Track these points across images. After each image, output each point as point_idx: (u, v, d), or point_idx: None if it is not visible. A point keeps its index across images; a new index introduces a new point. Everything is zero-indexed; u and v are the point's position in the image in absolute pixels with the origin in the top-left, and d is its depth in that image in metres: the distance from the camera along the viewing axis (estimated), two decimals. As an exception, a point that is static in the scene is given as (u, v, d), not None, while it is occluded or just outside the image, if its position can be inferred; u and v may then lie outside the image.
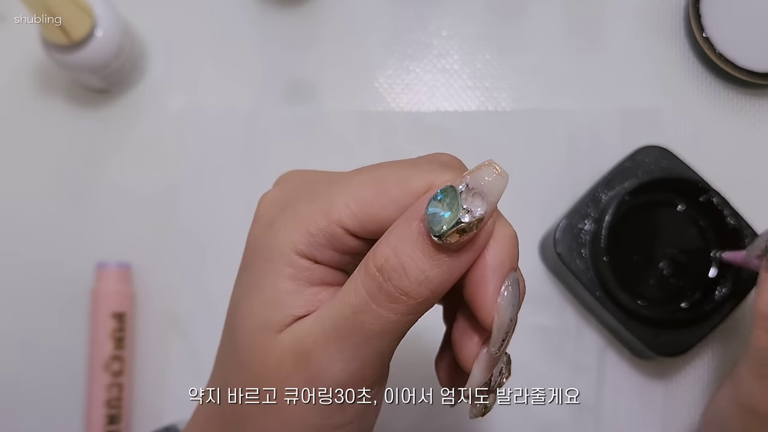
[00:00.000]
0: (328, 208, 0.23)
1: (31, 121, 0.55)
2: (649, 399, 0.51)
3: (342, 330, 0.23)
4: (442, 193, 0.22)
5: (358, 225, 0.23)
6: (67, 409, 0.51)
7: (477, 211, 0.22)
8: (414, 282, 0.22)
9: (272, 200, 0.26)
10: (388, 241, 0.23)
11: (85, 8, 0.48)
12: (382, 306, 0.23)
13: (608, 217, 0.47)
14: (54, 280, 0.53)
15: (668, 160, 0.50)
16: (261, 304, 0.24)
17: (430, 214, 0.22)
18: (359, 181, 0.24)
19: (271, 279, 0.24)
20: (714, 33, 0.52)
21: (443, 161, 0.25)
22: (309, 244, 0.24)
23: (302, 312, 0.24)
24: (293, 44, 0.56)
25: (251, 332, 0.24)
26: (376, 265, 0.22)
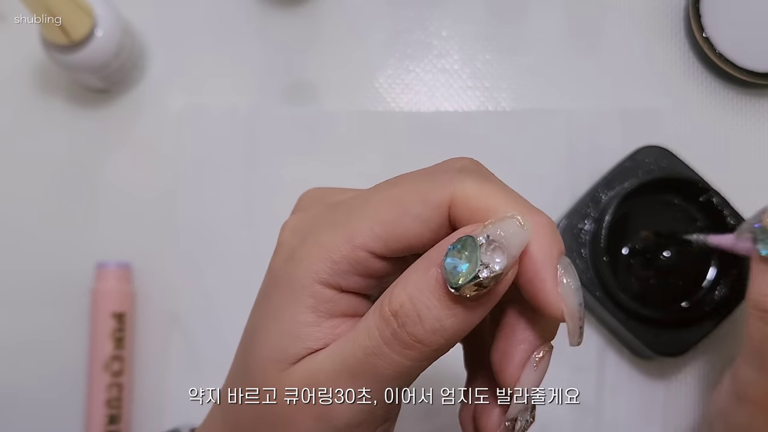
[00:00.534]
0: (351, 234, 0.23)
1: (31, 121, 0.55)
2: (649, 399, 0.51)
3: (354, 370, 0.23)
4: (460, 243, 0.22)
5: (384, 246, 0.23)
6: (67, 409, 0.51)
7: (495, 266, 0.21)
8: (429, 330, 0.22)
9: (293, 229, 0.25)
10: (404, 286, 0.22)
11: (85, 8, 0.48)
12: (396, 351, 0.22)
13: (608, 217, 0.47)
14: (54, 280, 0.53)
15: (668, 160, 0.50)
16: (278, 333, 0.24)
17: (449, 264, 0.22)
18: (379, 202, 0.23)
19: (291, 309, 0.24)
20: (714, 33, 0.52)
21: (460, 167, 0.24)
22: (333, 272, 0.23)
23: (320, 345, 0.24)
24: (293, 44, 0.56)
25: (265, 361, 0.24)
26: (391, 309, 0.22)
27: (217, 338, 0.52)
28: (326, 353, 0.23)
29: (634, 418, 0.51)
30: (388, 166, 0.54)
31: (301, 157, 0.54)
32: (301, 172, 0.54)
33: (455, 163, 0.25)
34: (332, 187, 0.29)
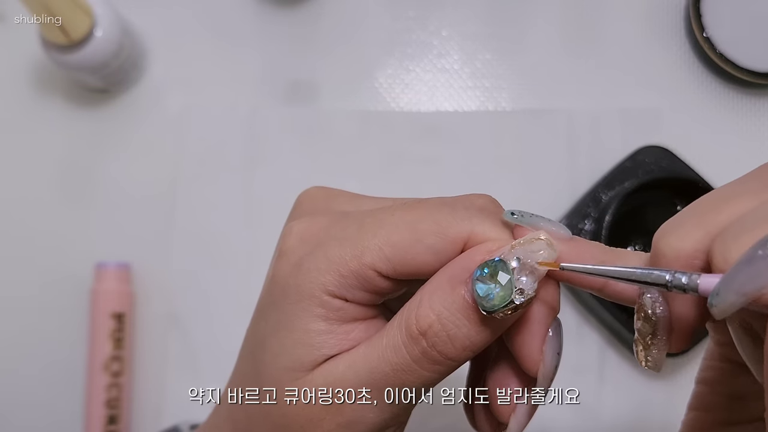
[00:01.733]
0: (360, 252, 0.23)
1: (31, 121, 0.55)
2: (649, 399, 0.51)
3: (380, 384, 0.23)
4: (492, 267, 0.22)
5: (391, 269, 0.23)
6: (66, 410, 0.51)
7: (529, 291, 0.22)
8: (459, 348, 0.23)
9: (300, 237, 0.25)
10: (431, 305, 0.23)
11: (84, 8, 0.48)
12: (425, 368, 0.23)
13: (608, 217, 0.47)
14: (54, 280, 0.53)
15: (668, 160, 0.50)
16: (292, 343, 0.24)
17: (482, 290, 0.22)
18: (393, 224, 0.23)
19: (302, 319, 0.24)
20: (714, 33, 0.52)
21: (481, 206, 0.24)
22: (340, 285, 0.24)
23: (335, 351, 0.24)
24: (293, 44, 0.56)
25: (281, 371, 0.24)
26: (419, 329, 0.23)
27: (216, 338, 0.52)
28: (347, 363, 0.24)
29: (634, 418, 0.51)
30: (388, 166, 0.54)
31: (300, 157, 0.54)
32: (300, 171, 0.54)
33: (476, 200, 0.25)
34: (334, 189, 0.28)
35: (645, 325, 0.22)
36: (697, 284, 0.19)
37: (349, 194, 0.28)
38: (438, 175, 0.54)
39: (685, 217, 0.21)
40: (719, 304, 0.18)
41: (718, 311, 0.19)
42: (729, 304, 0.18)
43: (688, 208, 0.21)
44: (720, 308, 0.18)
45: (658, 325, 0.22)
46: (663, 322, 0.22)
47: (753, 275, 0.17)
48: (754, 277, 0.17)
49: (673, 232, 0.21)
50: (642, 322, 0.22)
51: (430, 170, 0.54)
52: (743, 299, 0.18)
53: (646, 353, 0.23)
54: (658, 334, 0.22)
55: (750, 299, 0.18)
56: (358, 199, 0.27)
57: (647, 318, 0.22)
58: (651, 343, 0.22)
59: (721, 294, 0.18)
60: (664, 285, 0.20)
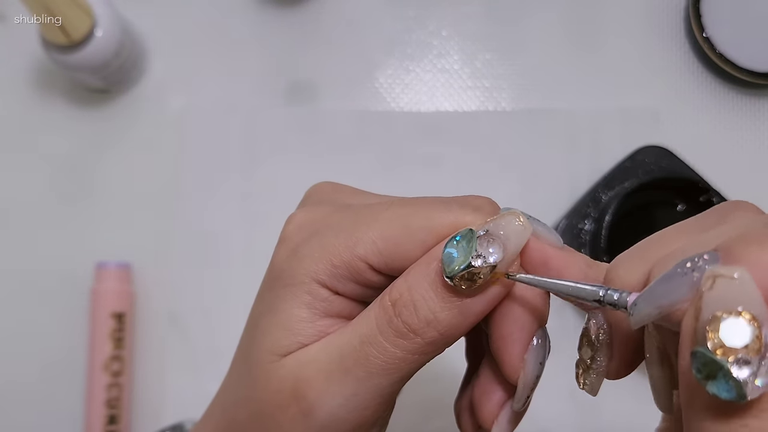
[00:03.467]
0: (353, 243, 0.23)
1: (31, 122, 0.55)
2: (649, 399, 0.51)
3: (347, 360, 0.23)
4: (460, 235, 0.22)
5: (383, 262, 0.24)
6: (66, 409, 0.51)
7: (490, 258, 0.22)
8: (422, 320, 0.22)
9: (300, 225, 0.26)
10: (406, 277, 0.23)
11: (84, 8, 0.48)
12: (389, 340, 0.23)
13: (608, 217, 0.47)
14: (54, 280, 0.53)
15: (668, 160, 0.50)
16: (274, 325, 0.24)
17: (446, 254, 0.22)
18: (387, 218, 0.24)
19: (287, 303, 0.24)
20: (714, 33, 0.52)
21: (476, 205, 0.24)
22: (331, 275, 0.24)
23: (310, 341, 0.24)
24: (293, 44, 0.56)
25: (261, 351, 0.24)
26: (390, 298, 0.23)
27: (216, 338, 0.52)
28: (322, 344, 0.24)
29: (634, 418, 0.51)
30: (388, 166, 0.54)
31: (300, 157, 0.54)
32: (300, 171, 0.54)
33: (473, 200, 0.25)
34: (344, 185, 0.29)
35: (586, 350, 0.23)
36: (626, 301, 0.20)
37: (355, 189, 0.28)
38: (438, 175, 0.54)
39: (634, 252, 0.22)
40: (636, 314, 0.19)
41: (633, 321, 0.19)
42: (644, 315, 0.19)
43: (638, 244, 0.22)
44: (635, 318, 0.19)
45: (599, 350, 0.23)
46: (604, 349, 0.23)
47: (668, 290, 0.18)
48: (668, 292, 0.18)
49: (621, 265, 0.22)
50: (585, 346, 0.23)
51: (430, 170, 0.54)
52: (656, 312, 0.19)
53: (584, 377, 0.23)
54: (598, 360, 0.23)
55: (663, 313, 0.18)
56: (362, 194, 0.28)
57: (590, 343, 0.23)
58: (590, 367, 0.23)
59: (639, 305, 0.19)
60: (597, 300, 0.21)
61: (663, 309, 0.18)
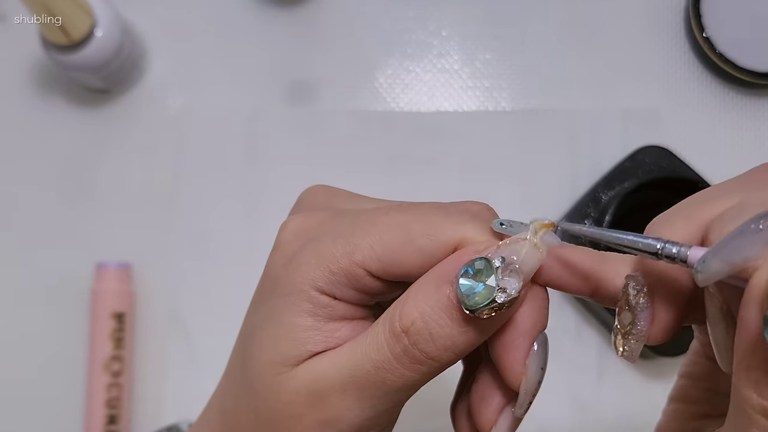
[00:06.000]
0: (351, 249, 0.23)
1: (31, 121, 0.55)
2: (649, 399, 0.51)
3: (362, 382, 0.23)
4: (476, 266, 0.22)
5: (381, 268, 0.23)
6: (67, 409, 0.51)
7: (512, 290, 0.22)
8: (441, 348, 0.22)
9: (295, 231, 0.25)
10: (415, 303, 0.22)
11: (84, 8, 0.48)
12: (405, 366, 0.23)
13: (608, 217, 0.47)
14: (54, 280, 0.53)
15: (668, 160, 0.50)
16: (277, 337, 0.24)
17: (465, 287, 0.22)
18: (386, 224, 0.23)
19: (289, 314, 0.24)
20: (714, 33, 0.52)
21: (475, 212, 0.24)
22: (329, 282, 0.23)
23: (320, 348, 0.24)
24: (293, 44, 0.56)
25: (266, 364, 0.24)
26: (402, 326, 0.22)
27: (217, 338, 0.51)
28: (331, 361, 0.23)
29: (634, 418, 0.51)
30: (388, 166, 0.54)
31: (300, 157, 0.54)
32: (300, 171, 0.54)
33: (471, 206, 0.25)
34: (337, 188, 0.28)
35: (626, 314, 0.22)
36: (686, 255, 0.19)
37: (351, 193, 0.28)
38: (438, 175, 0.54)
39: (675, 212, 0.21)
40: (704, 271, 0.18)
41: (702, 278, 0.19)
42: (714, 272, 0.18)
43: (678, 204, 0.22)
44: (705, 275, 0.18)
45: (639, 315, 0.22)
46: (644, 313, 0.22)
47: (741, 246, 0.18)
48: (742, 247, 0.17)
49: (664, 224, 0.21)
50: (624, 311, 0.22)
51: (430, 170, 0.54)
52: (728, 268, 0.18)
53: (623, 342, 0.23)
54: (638, 324, 0.22)
55: (735, 270, 0.18)
56: (358, 199, 0.27)
57: (629, 307, 0.22)
58: (630, 332, 0.22)
59: (707, 261, 0.18)
60: (654, 253, 0.20)
61: (735, 266, 0.18)
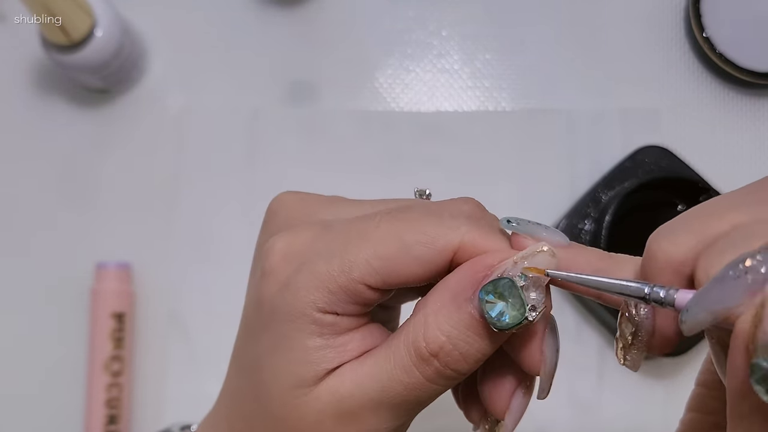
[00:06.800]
0: (348, 267, 0.23)
1: (31, 121, 0.55)
2: (649, 399, 0.51)
3: (395, 400, 0.24)
4: (500, 288, 0.22)
5: (380, 281, 0.23)
6: (67, 409, 0.51)
7: (539, 305, 0.22)
8: (472, 362, 0.23)
9: (284, 255, 0.25)
10: (438, 326, 0.23)
11: (84, 8, 0.48)
12: (440, 384, 0.23)
13: (608, 217, 0.47)
14: (54, 280, 0.53)
15: (668, 160, 0.50)
16: (289, 362, 0.24)
17: (494, 312, 0.22)
18: (380, 237, 0.23)
19: (298, 338, 0.24)
20: (714, 33, 0.52)
21: (468, 213, 0.24)
22: (330, 301, 0.24)
23: (335, 364, 0.24)
24: (293, 44, 0.56)
25: (284, 389, 0.24)
26: (430, 351, 0.23)
27: (216, 338, 0.51)
28: (354, 383, 0.24)
29: (634, 418, 0.51)
30: (388, 166, 0.54)
31: (300, 157, 0.54)
32: (300, 171, 0.54)
33: (462, 206, 0.25)
34: (307, 195, 0.28)
35: (627, 325, 0.22)
36: (674, 299, 0.19)
37: (324, 199, 0.27)
38: (438, 175, 0.54)
39: (680, 223, 0.21)
40: (688, 321, 0.18)
41: (686, 328, 0.19)
42: (697, 322, 0.18)
43: (684, 214, 0.22)
44: (689, 325, 0.19)
45: (641, 326, 0.22)
46: (645, 324, 0.22)
47: (722, 295, 0.17)
48: (723, 296, 0.17)
49: (667, 237, 0.21)
50: (625, 321, 0.22)
51: (430, 170, 0.54)
52: (711, 318, 0.18)
53: (625, 352, 0.23)
54: (639, 335, 0.22)
55: (718, 319, 0.18)
56: (334, 205, 0.27)
57: (630, 318, 0.22)
58: (631, 343, 0.22)
59: (691, 311, 0.18)
60: (642, 298, 0.20)
61: (718, 314, 0.18)
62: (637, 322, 0.22)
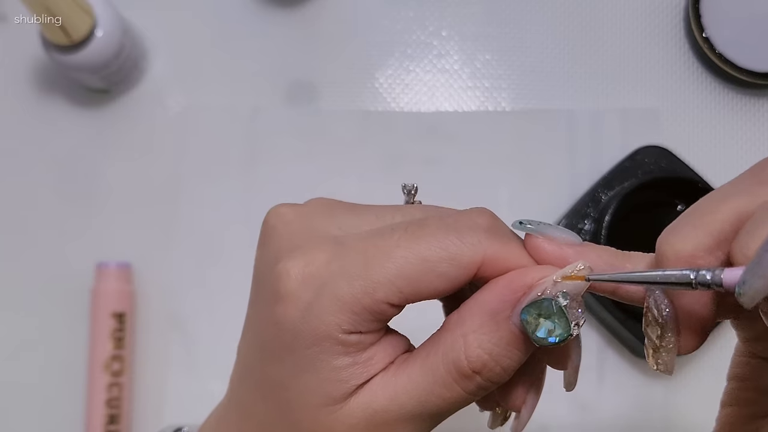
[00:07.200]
0: (372, 288, 0.24)
1: (32, 121, 0.55)
2: (649, 399, 0.51)
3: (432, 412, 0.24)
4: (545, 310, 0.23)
5: (403, 299, 0.24)
6: (67, 409, 0.51)
7: (581, 320, 0.23)
8: (510, 373, 0.24)
9: (302, 279, 0.24)
10: (480, 344, 0.24)
11: (85, 8, 0.48)
12: (478, 395, 0.24)
13: (608, 217, 0.47)
14: (54, 279, 0.53)
15: (668, 160, 0.50)
16: (319, 382, 0.24)
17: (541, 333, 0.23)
18: (402, 256, 0.24)
19: (324, 360, 0.24)
20: (714, 33, 0.52)
21: (486, 226, 0.25)
22: (354, 322, 0.24)
23: (363, 379, 0.24)
24: (293, 44, 0.56)
25: (314, 408, 0.25)
26: (473, 369, 0.24)
27: (217, 338, 0.52)
28: (387, 397, 0.24)
29: (634, 418, 0.51)
30: (388, 166, 0.54)
31: (300, 157, 0.54)
32: (300, 171, 0.54)
33: (478, 218, 0.25)
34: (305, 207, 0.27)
35: (653, 328, 0.23)
36: (720, 279, 0.20)
37: (324, 210, 0.27)
38: (438, 175, 0.54)
39: (683, 220, 0.22)
40: (747, 292, 0.19)
41: (747, 299, 0.19)
42: (756, 290, 0.18)
43: (685, 212, 0.22)
44: (748, 296, 0.19)
45: (666, 326, 0.22)
46: (670, 323, 0.22)
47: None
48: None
49: (674, 234, 0.22)
50: (650, 325, 0.23)
51: (430, 170, 0.54)
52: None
53: (656, 356, 0.23)
54: (666, 336, 0.23)
55: None
56: (336, 217, 0.27)
57: (654, 320, 0.23)
58: (660, 345, 0.23)
59: (747, 282, 0.19)
60: (689, 284, 0.20)
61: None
62: (661, 323, 0.22)
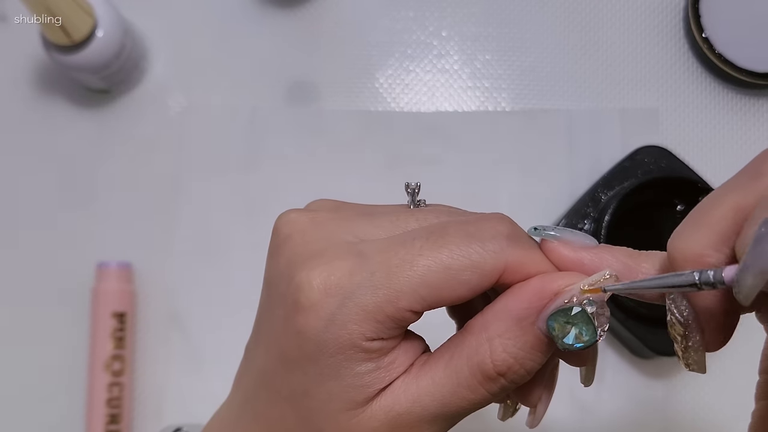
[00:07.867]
0: (395, 297, 0.24)
1: (32, 121, 0.55)
2: (649, 399, 0.51)
3: (455, 412, 0.25)
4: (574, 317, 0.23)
5: (426, 306, 0.24)
6: (68, 409, 0.51)
7: (606, 323, 0.23)
8: (532, 373, 0.25)
9: (324, 290, 0.25)
10: (505, 348, 0.24)
11: (85, 8, 0.48)
12: (501, 395, 0.25)
13: (608, 217, 0.47)
14: (54, 279, 0.53)
15: (668, 160, 0.50)
16: (343, 388, 0.25)
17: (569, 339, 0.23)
18: (425, 265, 0.24)
19: (348, 367, 0.25)
20: (713, 33, 0.52)
21: (506, 234, 0.25)
22: (376, 329, 0.24)
23: (385, 383, 0.25)
24: (293, 44, 0.56)
25: (336, 413, 0.25)
26: (498, 371, 0.24)
27: (217, 338, 0.52)
28: (410, 400, 0.25)
29: (634, 418, 0.51)
30: (388, 166, 0.54)
31: (301, 157, 0.54)
32: (300, 171, 0.54)
33: (497, 226, 0.25)
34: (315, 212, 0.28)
35: (677, 328, 0.23)
36: (722, 277, 0.20)
37: (336, 214, 0.27)
38: (438, 175, 0.54)
39: (686, 222, 0.23)
40: (742, 289, 0.19)
41: (742, 297, 0.19)
42: (749, 286, 0.19)
43: (690, 212, 0.23)
44: (743, 293, 0.19)
45: (689, 326, 0.23)
46: (693, 323, 0.23)
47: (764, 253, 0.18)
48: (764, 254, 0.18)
49: (679, 236, 0.22)
50: (674, 326, 0.23)
51: (430, 170, 0.54)
52: (761, 278, 0.18)
53: (685, 357, 0.23)
54: (691, 336, 0.23)
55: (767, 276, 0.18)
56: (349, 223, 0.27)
57: (677, 321, 0.23)
58: (687, 346, 0.23)
59: (740, 279, 0.19)
60: (695, 285, 0.21)
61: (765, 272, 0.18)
62: (684, 324, 0.23)
